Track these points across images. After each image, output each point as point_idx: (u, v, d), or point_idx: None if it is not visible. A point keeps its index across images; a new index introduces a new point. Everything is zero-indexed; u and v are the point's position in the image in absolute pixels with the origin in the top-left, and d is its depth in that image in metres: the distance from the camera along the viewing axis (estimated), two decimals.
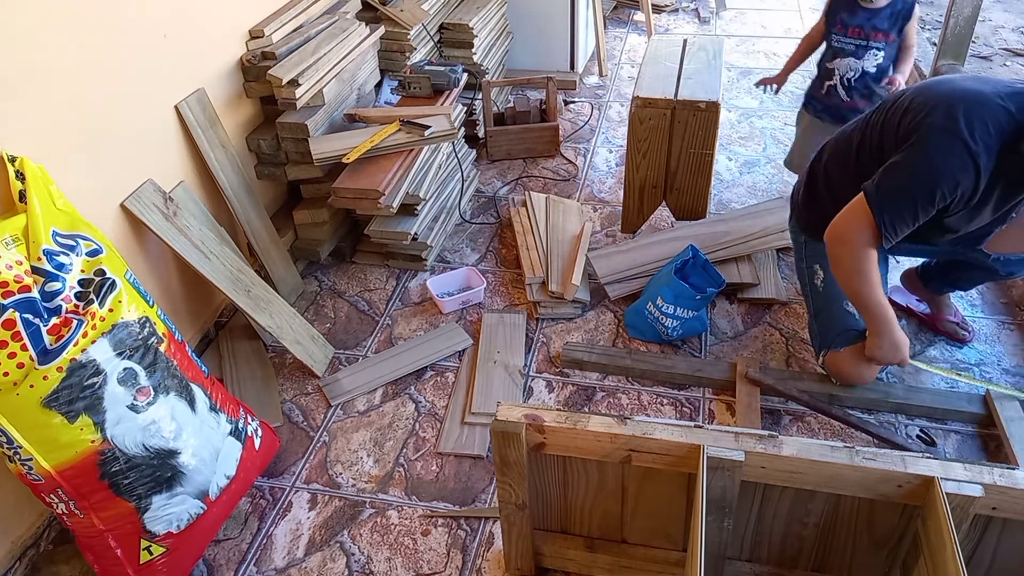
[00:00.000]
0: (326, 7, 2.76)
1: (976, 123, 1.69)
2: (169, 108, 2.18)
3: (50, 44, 1.75)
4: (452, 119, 2.64)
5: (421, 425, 2.18)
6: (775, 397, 2.19)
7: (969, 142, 1.69)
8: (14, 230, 1.50)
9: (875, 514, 1.46)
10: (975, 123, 1.69)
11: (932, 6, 4.83)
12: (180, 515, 1.72)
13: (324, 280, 2.74)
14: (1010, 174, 1.74)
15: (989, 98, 1.71)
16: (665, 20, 4.76)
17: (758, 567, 1.64)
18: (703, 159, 2.60)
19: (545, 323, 2.50)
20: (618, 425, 1.46)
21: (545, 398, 2.26)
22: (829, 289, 2.10)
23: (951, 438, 2.08)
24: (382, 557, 1.85)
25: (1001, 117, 1.69)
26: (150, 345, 1.67)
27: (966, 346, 2.34)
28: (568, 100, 3.83)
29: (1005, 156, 1.71)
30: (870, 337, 1.99)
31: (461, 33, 3.25)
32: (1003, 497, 1.32)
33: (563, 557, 1.74)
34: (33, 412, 1.48)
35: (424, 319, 2.55)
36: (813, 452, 1.38)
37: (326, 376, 2.34)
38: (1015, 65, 4.06)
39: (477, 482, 2.02)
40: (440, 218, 2.83)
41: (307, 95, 2.42)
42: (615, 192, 3.12)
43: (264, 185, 2.66)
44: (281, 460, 2.09)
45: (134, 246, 2.08)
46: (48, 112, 1.77)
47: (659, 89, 2.58)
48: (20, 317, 1.45)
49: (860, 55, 2.53)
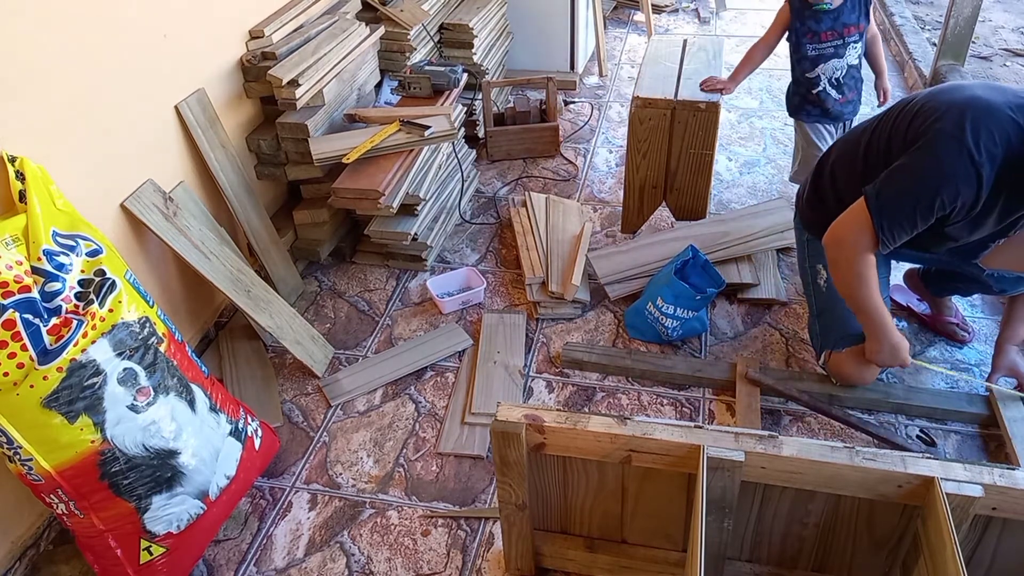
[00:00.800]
0: (326, 7, 2.76)
1: (983, 133, 1.67)
2: (169, 108, 2.18)
3: (50, 44, 1.75)
4: (452, 119, 2.64)
5: (421, 425, 2.18)
6: (775, 397, 2.19)
7: (973, 151, 1.66)
8: (14, 230, 1.50)
9: (875, 514, 1.46)
10: (982, 132, 1.67)
11: (932, 6, 4.84)
12: (180, 515, 1.72)
13: (324, 280, 2.74)
14: (1014, 187, 1.72)
15: (999, 108, 1.69)
16: (665, 20, 4.76)
17: (758, 567, 1.64)
18: (703, 159, 2.60)
19: (545, 323, 2.50)
20: (618, 425, 1.46)
21: (545, 398, 2.26)
22: (832, 289, 2.09)
23: (951, 438, 2.08)
24: (382, 557, 1.85)
25: (1009, 129, 1.67)
26: (150, 345, 1.67)
27: (966, 346, 2.34)
28: (568, 100, 3.83)
29: (1010, 168, 1.69)
30: (868, 341, 1.99)
31: (461, 33, 3.25)
32: (1003, 497, 1.32)
33: (563, 557, 1.74)
34: (33, 412, 1.48)
35: (424, 319, 2.55)
36: (813, 452, 1.38)
37: (326, 376, 2.34)
38: (1015, 65, 4.07)
39: (477, 482, 2.02)
40: (440, 218, 2.83)
41: (307, 95, 2.42)
42: (615, 192, 3.12)
43: (264, 185, 2.66)
44: (281, 460, 2.09)
45: (134, 246, 2.08)
46: (48, 112, 1.77)
47: (659, 89, 2.58)
48: (20, 317, 1.45)
49: (841, 53, 2.53)
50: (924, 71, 3.73)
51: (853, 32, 2.50)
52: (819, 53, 2.54)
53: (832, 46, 2.52)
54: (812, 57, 2.55)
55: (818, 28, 2.50)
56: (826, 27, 2.49)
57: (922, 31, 4.27)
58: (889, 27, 4.37)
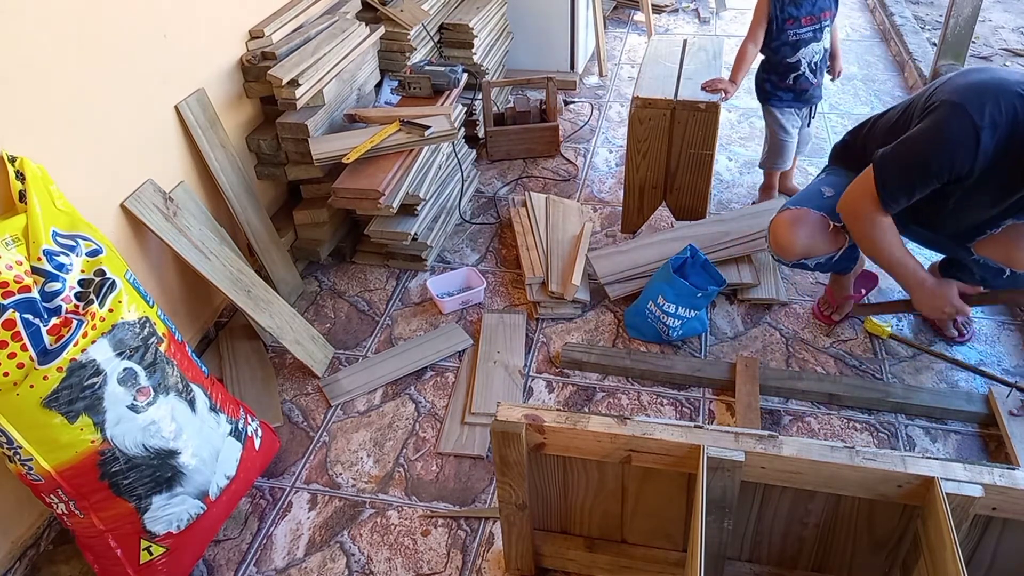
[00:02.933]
0: (326, 7, 2.76)
1: (988, 102, 1.73)
2: (169, 108, 2.18)
3: (50, 44, 1.75)
4: (452, 119, 2.64)
5: (421, 425, 2.18)
6: (775, 397, 2.20)
7: (975, 116, 1.73)
8: (14, 230, 1.50)
9: (875, 514, 1.46)
10: (987, 102, 1.73)
11: (932, 6, 4.84)
12: (180, 515, 1.72)
13: (324, 280, 2.74)
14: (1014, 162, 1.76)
15: (1010, 85, 1.76)
16: (665, 20, 4.76)
17: (758, 567, 1.64)
18: (703, 159, 2.60)
19: (545, 323, 2.50)
20: (618, 425, 1.46)
21: (545, 398, 2.26)
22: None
23: (951, 438, 2.08)
24: (382, 557, 1.85)
25: (1017, 103, 1.73)
26: (150, 345, 1.67)
27: (966, 346, 2.34)
28: (568, 100, 3.83)
29: (1010, 142, 1.74)
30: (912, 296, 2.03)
31: (461, 33, 3.25)
32: (1003, 497, 1.32)
33: (563, 557, 1.74)
34: (33, 412, 1.48)
35: (424, 319, 2.55)
36: (813, 452, 1.38)
37: (326, 376, 2.34)
38: (1015, 65, 4.07)
39: (477, 482, 2.02)
40: (440, 218, 2.83)
41: (307, 95, 2.42)
42: (615, 192, 3.12)
43: (264, 185, 2.66)
44: (281, 460, 2.09)
45: (134, 246, 2.08)
46: (48, 112, 1.77)
47: (659, 89, 2.58)
48: (20, 317, 1.45)
49: (819, 37, 2.62)
50: (924, 71, 3.73)
51: (828, 16, 2.60)
52: (799, 38, 2.61)
53: (811, 30, 2.61)
54: (793, 42, 2.62)
55: (798, 13, 2.58)
56: (805, 12, 2.58)
57: (922, 31, 4.27)
58: (889, 27, 4.37)
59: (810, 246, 2.13)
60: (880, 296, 2.53)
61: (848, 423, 2.13)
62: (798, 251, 2.14)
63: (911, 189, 1.86)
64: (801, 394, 2.19)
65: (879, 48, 4.32)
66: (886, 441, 2.07)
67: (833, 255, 2.19)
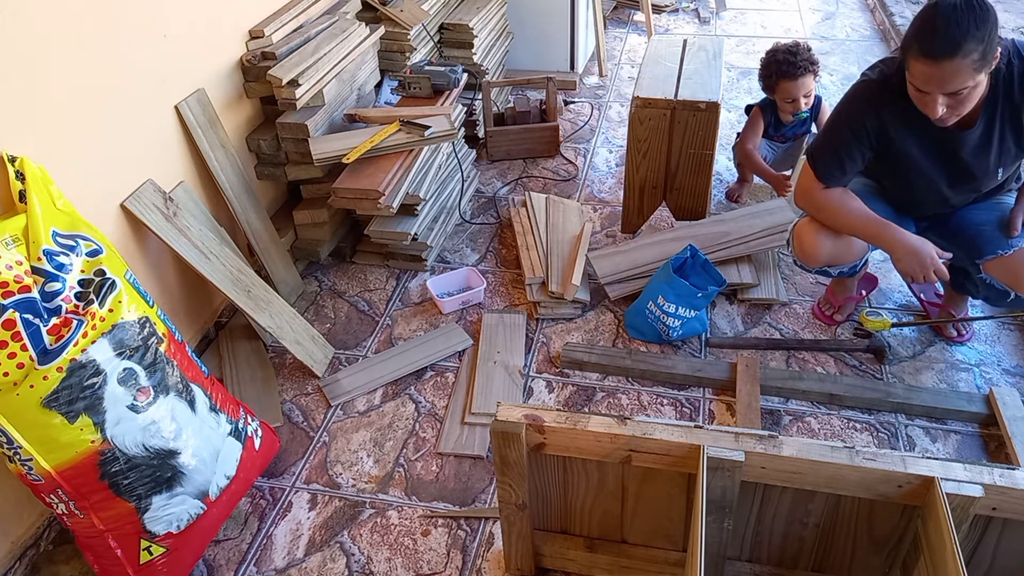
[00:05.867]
0: (326, 7, 2.76)
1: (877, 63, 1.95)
2: (169, 108, 2.18)
3: (51, 44, 1.75)
4: (452, 119, 2.64)
5: (421, 425, 2.18)
6: (775, 397, 2.20)
7: (865, 72, 1.95)
8: (14, 230, 1.50)
9: (875, 514, 1.46)
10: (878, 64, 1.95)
11: None
12: (180, 515, 1.72)
13: (324, 280, 2.74)
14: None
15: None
16: (665, 20, 4.76)
17: (758, 567, 1.64)
18: (703, 159, 2.60)
19: (545, 323, 2.50)
20: (618, 425, 1.46)
21: (545, 398, 2.26)
22: None
23: (951, 438, 2.08)
24: (382, 557, 1.85)
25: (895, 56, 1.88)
26: (150, 345, 1.67)
27: (966, 346, 2.34)
28: (568, 100, 3.83)
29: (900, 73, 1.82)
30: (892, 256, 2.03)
31: (461, 33, 3.25)
32: (1003, 497, 1.32)
33: (563, 557, 1.74)
34: (33, 412, 1.48)
35: (424, 319, 2.55)
36: (813, 452, 1.38)
37: (326, 376, 2.34)
38: None
39: (477, 482, 2.02)
40: (440, 218, 2.83)
41: (307, 95, 2.42)
42: (615, 192, 3.12)
43: (264, 185, 2.66)
44: (281, 460, 2.09)
45: (134, 246, 2.08)
46: (48, 112, 1.77)
47: (659, 89, 2.58)
48: (20, 317, 1.45)
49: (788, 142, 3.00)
50: None
51: (801, 137, 2.96)
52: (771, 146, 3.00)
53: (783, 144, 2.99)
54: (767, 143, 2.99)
55: (776, 132, 2.94)
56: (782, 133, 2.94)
57: None
58: (889, 27, 4.37)
59: (836, 254, 2.12)
60: (880, 296, 2.53)
61: (848, 423, 2.13)
62: (823, 260, 2.14)
63: (838, 156, 1.97)
64: (801, 394, 2.19)
65: (879, 48, 4.32)
66: (886, 441, 2.07)
67: (856, 264, 2.20)
